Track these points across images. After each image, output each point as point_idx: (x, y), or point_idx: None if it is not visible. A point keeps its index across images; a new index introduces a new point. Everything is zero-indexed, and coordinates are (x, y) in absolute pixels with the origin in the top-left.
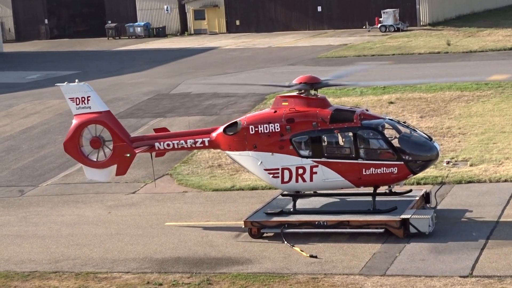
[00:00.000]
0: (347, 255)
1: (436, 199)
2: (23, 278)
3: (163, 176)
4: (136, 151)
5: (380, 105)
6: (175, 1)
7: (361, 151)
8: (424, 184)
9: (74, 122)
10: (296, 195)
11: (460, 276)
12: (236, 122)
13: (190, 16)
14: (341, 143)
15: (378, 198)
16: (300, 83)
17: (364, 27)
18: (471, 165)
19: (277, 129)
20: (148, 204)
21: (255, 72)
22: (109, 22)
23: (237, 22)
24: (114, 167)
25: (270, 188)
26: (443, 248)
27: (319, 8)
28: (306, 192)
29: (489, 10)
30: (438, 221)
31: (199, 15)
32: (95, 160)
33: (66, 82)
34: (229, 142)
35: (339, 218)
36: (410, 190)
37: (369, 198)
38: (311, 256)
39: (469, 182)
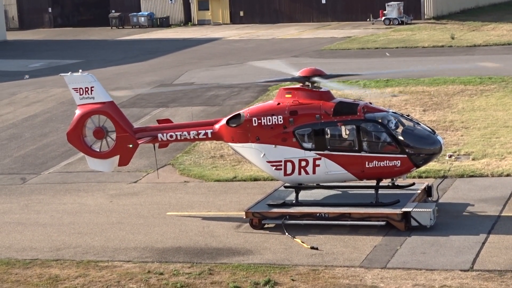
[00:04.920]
0: (348, 247)
1: (438, 193)
2: (24, 266)
3: (165, 166)
4: (139, 142)
5: (383, 98)
6: None
7: (364, 144)
8: (426, 177)
9: (78, 112)
10: (299, 187)
11: (461, 270)
12: (239, 114)
13: (194, 6)
14: (344, 135)
15: (380, 191)
16: (303, 75)
17: (368, 19)
18: (473, 159)
19: (280, 121)
20: (149, 193)
21: (258, 63)
22: (113, 11)
23: (241, 13)
24: (116, 158)
25: (272, 180)
26: (444, 241)
27: (324, 0)
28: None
29: (493, 4)
30: (440, 214)
31: (203, 5)
32: (98, 150)
33: (70, 72)
34: (232, 134)
35: (341, 210)
36: (413, 184)
37: (372, 191)
38: (312, 248)
39: (471, 176)
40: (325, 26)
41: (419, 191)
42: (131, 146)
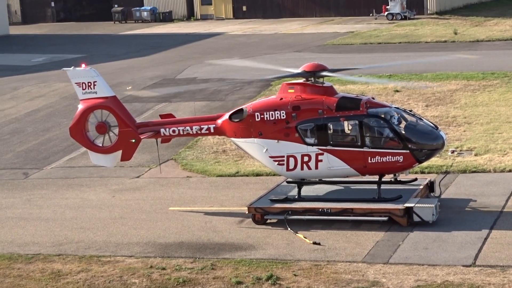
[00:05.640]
0: (350, 242)
1: (440, 188)
2: (26, 261)
3: (168, 161)
4: (142, 137)
5: (386, 94)
6: None
7: (367, 139)
8: (429, 173)
9: (80, 107)
10: (301, 182)
11: (463, 265)
12: (241, 109)
13: (196, 1)
14: (347, 131)
15: (383, 187)
16: (306, 70)
17: (371, 14)
18: (475, 155)
19: (283, 116)
20: (152, 188)
21: (261, 58)
22: (116, 6)
23: (244, 8)
24: (119, 153)
25: (274, 175)
26: (447, 237)
27: None
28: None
29: (496, 0)
30: (442, 210)
31: (205, 0)
32: (100, 145)
33: (72, 67)
34: (235, 129)
35: (343, 206)
36: (415, 179)
37: (374, 187)
38: (314, 243)
39: (474, 171)
40: (328, 21)
41: (421, 187)
42: (133, 141)
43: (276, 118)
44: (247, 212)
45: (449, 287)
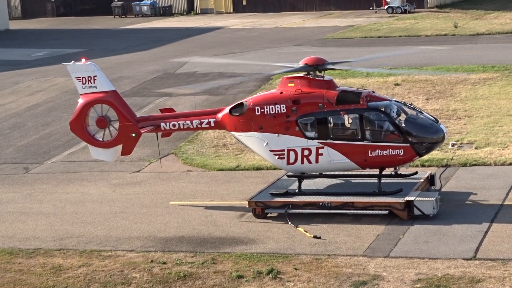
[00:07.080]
0: (351, 236)
1: (440, 182)
2: (27, 255)
3: (168, 155)
4: (142, 131)
5: (386, 87)
6: None
7: (367, 133)
8: (429, 166)
9: (80, 101)
10: (302, 176)
11: (464, 259)
12: (242, 103)
13: None
14: (347, 124)
15: (383, 180)
16: (306, 64)
17: (371, 8)
18: (476, 148)
19: (283, 110)
20: (152, 183)
21: (261, 52)
22: (116, 0)
23: (244, 2)
24: (119, 147)
25: (274, 169)
26: (447, 230)
27: None
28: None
29: None
30: (443, 203)
31: None
32: (100, 139)
33: (72, 61)
34: (235, 123)
35: (344, 200)
36: (416, 172)
37: (375, 180)
38: (315, 237)
39: (474, 165)
40: (328, 15)
41: (422, 180)
42: (134, 135)
43: (277, 112)
44: (247, 206)
45: (450, 280)
